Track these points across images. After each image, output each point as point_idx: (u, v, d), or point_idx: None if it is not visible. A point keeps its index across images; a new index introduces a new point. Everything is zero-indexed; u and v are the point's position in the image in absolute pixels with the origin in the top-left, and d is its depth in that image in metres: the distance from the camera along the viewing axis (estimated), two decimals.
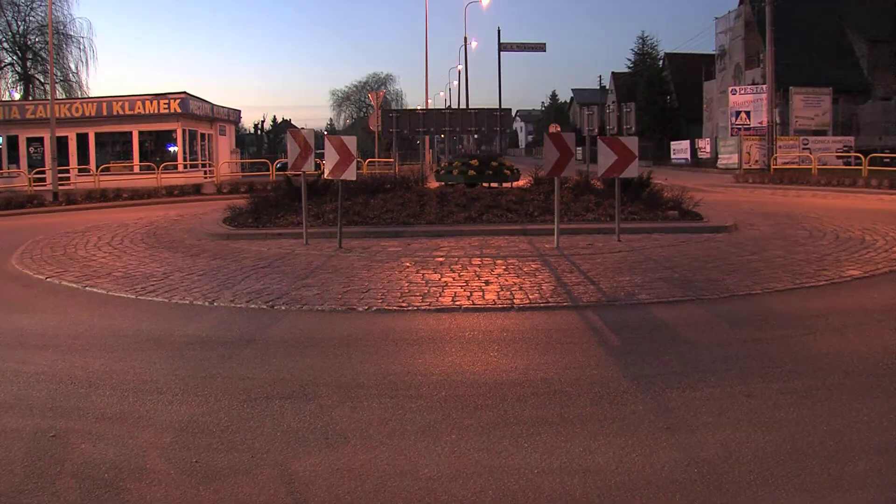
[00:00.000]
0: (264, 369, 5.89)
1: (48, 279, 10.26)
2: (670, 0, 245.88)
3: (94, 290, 9.39)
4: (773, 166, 35.75)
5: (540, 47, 44.16)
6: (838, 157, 37.36)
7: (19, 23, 50.47)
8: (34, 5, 50.27)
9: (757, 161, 41.25)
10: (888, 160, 31.49)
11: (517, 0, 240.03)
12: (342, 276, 9.73)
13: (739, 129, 44.17)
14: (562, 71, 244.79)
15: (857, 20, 47.78)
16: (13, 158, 38.39)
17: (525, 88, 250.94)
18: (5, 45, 51.09)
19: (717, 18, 55.69)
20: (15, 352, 6.62)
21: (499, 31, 38.32)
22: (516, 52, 44.97)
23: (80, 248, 13.23)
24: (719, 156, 48.14)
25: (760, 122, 42.08)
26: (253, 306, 8.15)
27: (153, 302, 8.60)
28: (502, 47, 43.29)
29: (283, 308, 8.04)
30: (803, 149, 38.60)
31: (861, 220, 14.92)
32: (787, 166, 35.67)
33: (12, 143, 38.43)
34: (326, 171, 12.43)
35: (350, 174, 11.98)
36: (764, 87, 40.89)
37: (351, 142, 12.05)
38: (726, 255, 10.96)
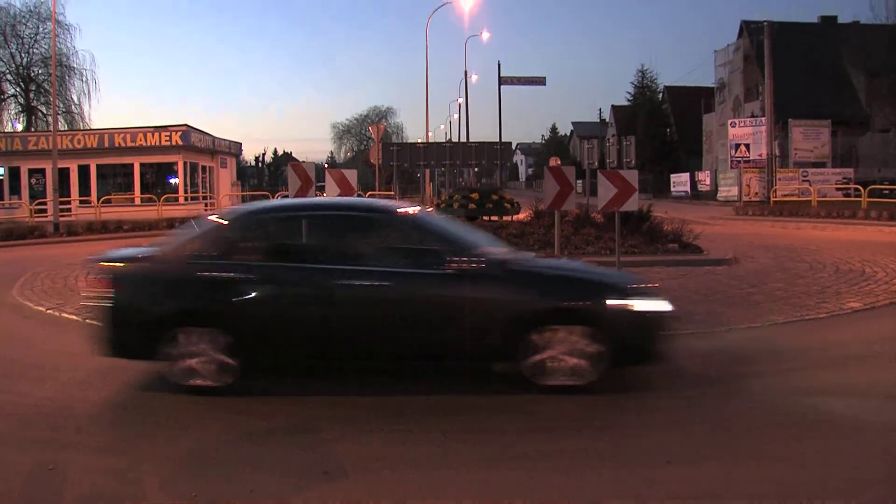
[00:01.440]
0: (265, 402, 5.88)
1: (48, 311, 10.26)
2: (670, 33, 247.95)
3: (95, 322, 9.36)
4: (772, 198, 35.82)
5: (540, 81, 44.46)
6: (838, 189, 37.45)
7: (23, 55, 50.84)
8: (38, 38, 50.66)
9: (757, 193, 41.34)
10: (887, 192, 31.54)
11: (517, 34, 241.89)
12: None
13: (739, 161, 44.33)
14: (562, 104, 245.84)
15: (855, 53, 48.10)
16: (15, 189, 38.47)
17: (525, 121, 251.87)
18: (9, 76, 51.43)
19: (716, 51, 56.10)
20: (14, 383, 6.60)
21: (499, 66, 38.63)
22: (516, 86, 45.25)
23: (80, 280, 13.21)
24: (719, 188, 48.25)
25: (760, 155, 42.22)
26: None
27: None
28: (502, 81, 43.58)
29: None
30: (803, 181, 38.71)
31: (861, 252, 14.93)
32: (787, 198, 35.76)
33: (14, 173, 38.52)
34: None
35: None
36: (763, 119, 41.10)
37: (352, 175, 12.10)
38: (726, 288, 10.96)
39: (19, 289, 12.36)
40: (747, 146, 44.11)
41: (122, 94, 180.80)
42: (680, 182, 56.67)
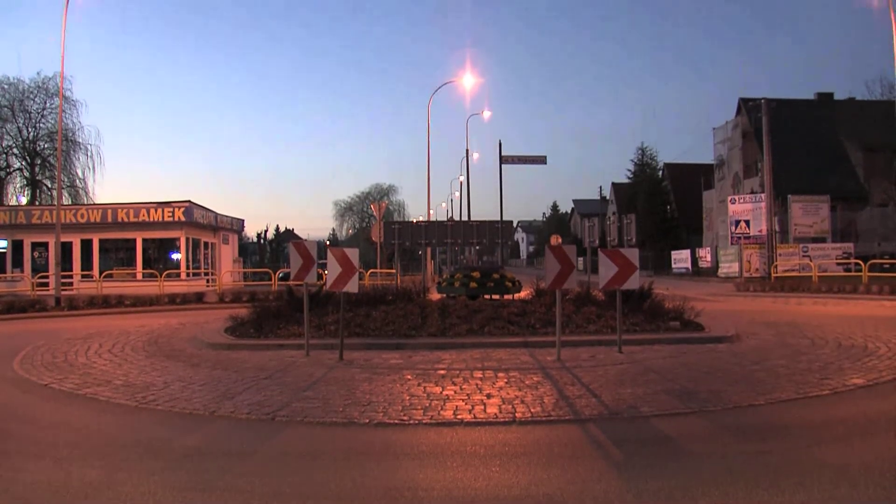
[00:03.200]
0: (264, 482, 5.82)
1: (48, 385, 10.22)
2: (669, 111, 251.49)
3: (94, 397, 9.34)
4: (773, 274, 35.93)
5: (540, 160, 44.82)
6: (838, 264, 37.66)
7: (29, 129, 51.85)
8: (45, 112, 51.78)
9: (757, 269, 41.50)
10: (888, 266, 31.70)
11: (518, 111, 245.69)
12: (343, 388, 9.66)
13: (739, 237, 44.62)
14: (563, 181, 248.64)
15: (852, 129, 48.83)
16: (17, 262, 38.74)
17: (526, 199, 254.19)
18: (15, 150, 52.38)
19: (714, 129, 56.96)
20: (11, 459, 6.54)
21: (500, 145, 39.08)
22: (517, 165, 45.72)
23: (80, 354, 13.20)
24: (720, 264, 48.43)
25: (760, 231, 42.51)
26: (253, 418, 8.08)
27: (153, 411, 8.54)
28: (503, 160, 43.96)
29: (283, 420, 7.97)
30: (803, 256, 38.92)
31: (863, 327, 14.91)
32: (788, 274, 35.88)
33: (17, 246, 38.85)
34: (328, 283, 12.47)
35: (352, 286, 12.05)
36: (762, 195, 41.47)
37: (353, 254, 12.16)
38: (728, 366, 10.92)
39: (20, 362, 12.36)
40: (747, 222, 44.48)
41: (125, 162, 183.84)
42: (680, 259, 56.96)
